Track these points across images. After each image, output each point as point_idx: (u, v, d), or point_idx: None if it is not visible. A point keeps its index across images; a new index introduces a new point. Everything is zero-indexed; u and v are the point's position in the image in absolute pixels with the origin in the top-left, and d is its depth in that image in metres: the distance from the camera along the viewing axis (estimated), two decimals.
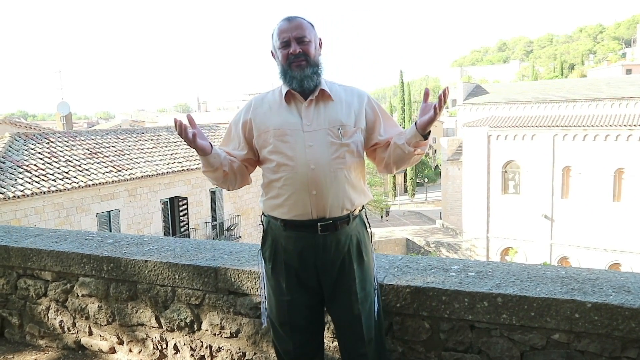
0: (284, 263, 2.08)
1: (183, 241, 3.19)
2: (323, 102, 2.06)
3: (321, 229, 2.01)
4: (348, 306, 2.05)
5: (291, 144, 2.01)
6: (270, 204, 2.09)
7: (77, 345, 3.13)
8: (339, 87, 2.15)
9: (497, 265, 2.49)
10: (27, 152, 15.96)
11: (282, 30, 2.04)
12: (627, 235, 25.10)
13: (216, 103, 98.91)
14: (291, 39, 2.02)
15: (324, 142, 2.01)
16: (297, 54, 2.01)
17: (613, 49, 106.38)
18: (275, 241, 2.10)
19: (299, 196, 2.00)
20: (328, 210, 2.01)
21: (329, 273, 2.05)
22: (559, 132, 27.13)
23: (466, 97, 34.37)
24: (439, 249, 32.35)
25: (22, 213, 14.00)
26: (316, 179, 1.98)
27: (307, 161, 1.98)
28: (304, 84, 2.02)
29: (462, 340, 2.23)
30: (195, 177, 19.58)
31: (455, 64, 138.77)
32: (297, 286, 2.07)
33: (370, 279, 2.12)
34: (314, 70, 2.03)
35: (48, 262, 3.10)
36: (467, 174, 30.71)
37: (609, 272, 2.34)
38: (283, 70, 2.06)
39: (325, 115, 2.04)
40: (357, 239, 2.08)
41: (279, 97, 2.10)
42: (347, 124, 2.05)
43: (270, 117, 2.08)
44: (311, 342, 2.14)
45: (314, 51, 2.05)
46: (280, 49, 2.05)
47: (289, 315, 2.09)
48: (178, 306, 2.78)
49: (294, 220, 2.03)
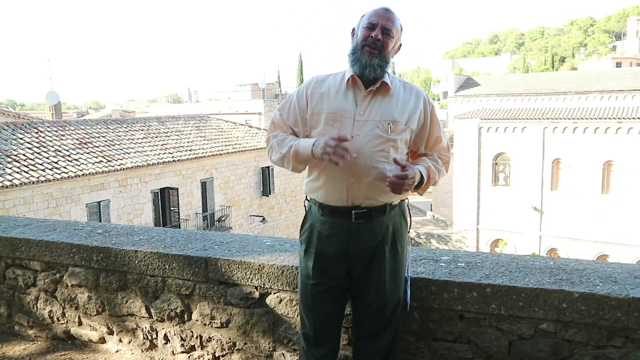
0: (315, 248, 2.11)
1: (173, 231, 3.18)
2: (381, 95, 2.07)
3: (355, 216, 2.04)
4: (376, 294, 2.08)
5: (340, 130, 2.03)
6: (311, 186, 2.14)
7: (66, 335, 3.12)
8: (400, 83, 2.16)
9: (486, 256, 2.51)
10: (16, 142, 15.79)
11: (376, 14, 2.06)
12: (615, 227, 25.37)
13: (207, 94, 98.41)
14: (379, 25, 2.03)
15: (372, 133, 2.02)
16: (376, 39, 2.02)
17: (603, 42, 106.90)
18: (313, 225, 2.14)
19: (337, 182, 2.04)
20: (363, 199, 2.03)
21: (360, 261, 2.07)
22: (549, 125, 27.27)
23: (457, 89, 34.44)
24: (430, 241, 32.52)
25: (10, 203, 13.87)
26: (356, 168, 2.00)
27: (350, 149, 1.99)
28: (365, 71, 2.02)
29: (451, 330, 2.25)
30: (186, 167, 19.50)
31: (447, 56, 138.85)
32: (325, 272, 2.10)
33: (402, 269, 2.14)
34: (381, 63, 2.03)
35: (37, 252, 3.08)
36: (458, 166, 30.81)
37: (596, 263, 2.36)
38: (354, 49, 2.07)
39: (379, 108, 2.05)
40: (394, 228, 2.11)
41: (340, 81, 2.11)
42: (399, 120, 2.06)
43: (326, 100, 2.10)
44: (329, 328, 2.17)
45: (390, 48, 2.06)
46: (363, 28, 2.05)
47: (313, 299, 2.12)
48: (168, 296, 2.78)
49: (330, 205, 2.07)
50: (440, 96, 53.66)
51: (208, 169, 20.44)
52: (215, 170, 20.78)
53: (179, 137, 21.15)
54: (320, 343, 2.16)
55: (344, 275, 2.11)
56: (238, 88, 56.61)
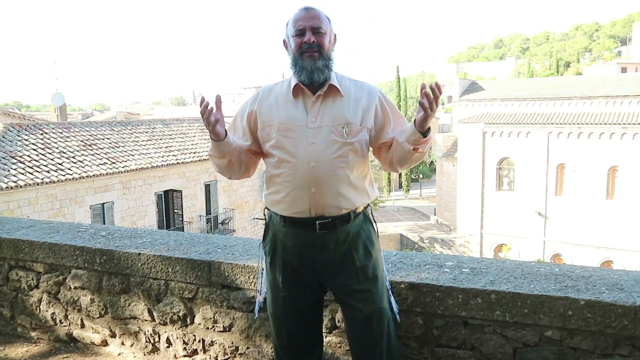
0: (281, 259, 2.06)
1: (177, 234, 3.17)
2: (331, 98, 2.00)
3: (319, 227, 1.98)
4: (355, 307, 2.01)
5: (294, 140, 1.97)
6: (271, 199, 2.08)
7: (69, 337, 3.12)
8: (350, 82, 2.08)
9: (491, 262, 2.49)
10: (21, 143, 15.85)
11: (299, 18, 1.99)
12: (619, 233, 25.25)
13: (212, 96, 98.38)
14: (307, 28, 1.96)
15: (327, 140, 1.96)
16: (311, 43, 1.95)
17: (609, 47, 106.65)
18: (275, 236, 2.08)
19: (298, 193, 1.97)
20: (327, 209, 1.97)
21: (328, 272, 2.02)
22: (553, 130, 27.20)
23: (462, 94, 34.38)
24: (433, 245, 32.42)
25: (15, 204, 13.92)
26: (316, 177, 1.94)
27: (308, 158, 1.95)
28: (314, 77, 1.95)
29: (455, 337, 2.23)
30: (189, 170, 19.53)
31: (451, 60, 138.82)
32: (294, 283, 2.05)
33: (380, 275, 2.07)
34: (325, 63, 1.97)
35: (40, 254, 3.08)
36: (462, 170, 30.77)
37: (602, 270, 2.34)
38: (294, 59, 2.00)
39: (331, 112, 1.99)
40: (360, 236, 2.05)
41: (286, 90, 2.04)
42: (353, 122, 1.99)
43: (275, 111, 2.03)
44: (307, 338, 2.13)
45: (327, 44, 1.99)
46: (294, 37, 1.99)
47: (284, 311, 2.07)
48: (171, 299, 2.77)
49: (292, 217, 2.00)
50: (445, 100, 53.59)
51: (212, 172, 20.46)
52: (219, 173, 20.79)
53: (183, 140, 21.19)
54: (299, 352, 2.11)
55: (317, 286, 2.07)
56: (242, 90, 56.70)
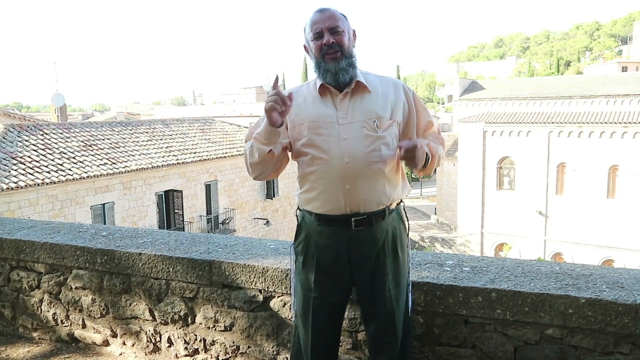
0: (315, 259, 2.04)
1: (177, 234, 3.18)
2: (359, 94, 2.01)
3: (355, 224, 1.97)
4: (382, 303, 2.02)
5: (325, 137, 1.97)
6: (304, 198, 2.06)
7: (70, 337, 3.12)
8: (375, 77, 2.08)
9: (491, 261, 2.49)
10: (21, 144, 15.85)
11: (315, 21, 1.99)
12: (620, 231, 25.25)
13: (212, 96, 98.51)
14: (324, 29, 1.97)
15: (359, 134, 1.96)
16: (330, 44, 1.95)
17: (609, 46, 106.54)
18: (309, 236, 2.07)
19: (333, 190, 1.96)
20: (362, 204, 1.97)
21: (363, 269, 2.01)
22: (554, 129, 27.20)
23: (462, 93, 34.37)
24: (434, 244, 32.43)
25: (15, 205, 13.92)
26: (350, 172, 1.94)
27: (341, 154, 1.94)
28: (339, 78, 1.96)
29: (456, 335, 2.24)
30: (190, 170, 19.53)
31: (452, 60, 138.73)
32: (327, 283, 2.04)
33: (404, 275, 2.08)
34: (349, 62, 1.98)
35: (41, 254, 3.08)
36: (463, 169, 30.76)
37: (602, 268, 2.35)
38: (317, 62, 2.00)
39: (361, 108, 1.99)
40: (393, 233, 2.05)
41: (313, 89, 2.05)
42: (383, 116, 1.99)
43: (305, 110, 2.03)
44: (329, 340, 2.12)
45: (347, 42, 1.99)
46: (313, 41, 1.99)
47: (314, 312, 2.06)
48: (172, 299, 2.77)
49: (327, 214, 2.00)
50: (445, 100, 53.59)
51: (212, 172, 20.47)
52: (219, 173, 20.81)
53: (184, 140, 21.19)
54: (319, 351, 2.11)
55: (348, 285, 2.07)
56: (243, 91, 56.74)
